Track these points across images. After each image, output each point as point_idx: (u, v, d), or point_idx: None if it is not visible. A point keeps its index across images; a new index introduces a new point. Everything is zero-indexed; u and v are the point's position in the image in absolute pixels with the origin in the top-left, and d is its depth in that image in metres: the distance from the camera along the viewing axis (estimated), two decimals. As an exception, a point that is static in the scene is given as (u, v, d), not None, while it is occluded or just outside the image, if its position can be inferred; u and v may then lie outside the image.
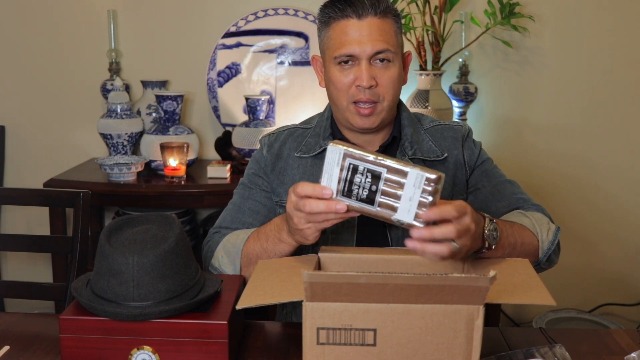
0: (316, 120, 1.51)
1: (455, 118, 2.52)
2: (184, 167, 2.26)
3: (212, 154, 2.58)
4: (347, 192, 1.08)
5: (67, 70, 2.60)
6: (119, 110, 2.37)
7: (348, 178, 1.07)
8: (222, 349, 1.07)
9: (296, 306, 1.45)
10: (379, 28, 1.30)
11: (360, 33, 1.30)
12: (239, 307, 1.02)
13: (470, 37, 2.48)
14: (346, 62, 1.32)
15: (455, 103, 2.50)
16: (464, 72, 2.51)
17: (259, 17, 2.50)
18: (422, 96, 2.40)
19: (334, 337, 0.97)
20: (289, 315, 1.49)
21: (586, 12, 2.52)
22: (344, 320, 0.97)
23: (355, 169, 1.07)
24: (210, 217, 2.54)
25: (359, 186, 1.07)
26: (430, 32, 2.40)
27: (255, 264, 1.29)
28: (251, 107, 2.37)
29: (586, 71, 2.57)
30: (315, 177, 1.41)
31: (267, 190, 1.47)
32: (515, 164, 2.54)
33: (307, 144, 1.45)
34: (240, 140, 2.37)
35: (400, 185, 1.04)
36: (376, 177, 1.05)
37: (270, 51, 2.52)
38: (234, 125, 2.47)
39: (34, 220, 2.62)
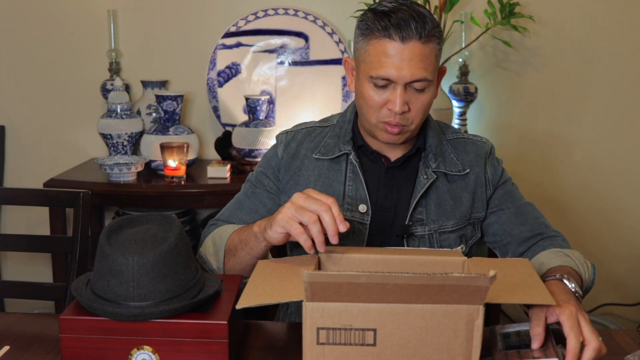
0: (336, 119, 1.47)
1: (455, 118, 2.52)
2: (184, 167, 2.26)
3: (212, 154, 2.58)
4: None
5: (67, 70, 2.60)
6: (119, 110, 2.37)
7: None
8: (222, 349, 1.07)
9: (300, 307, 1.45)
10: (420, 54, 1.25)
11: (400, 58, 1.24)
12: (239, 306, 1.02)
13: (470, 37, 2.48)
14: (382, 85, 1.28)
15: (455, 103, 2.50)
16: (464, 72, 2.51)
17: (259, 17, 2.50)
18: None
19: (334, 337, 0.97)
20: (292, 315, 1.48)
21: (586, 12, 2.52)
22: (344, 320, 0.97)
23: None
24: (210, 217, 2.54)
25: None
26: (430, 32, 2.39)
27: (234, 256, 1.30)
28: (251, 107, 2.37)
29: (586, 71, 2.57)
30: (330, 180, 1.40)
31: (271, 192, 1.45)
32: (516, 164, 2.54)
33: (325, 145, 1.42)
34: (240, 140, 2.37)
35: None
36: None
37: (270, 51, 2.52)
38: (234, 125, 2.47)
39: (34, 220, 2.61)
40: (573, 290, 1.18)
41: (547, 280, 1.21)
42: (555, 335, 1.10)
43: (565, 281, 1.19)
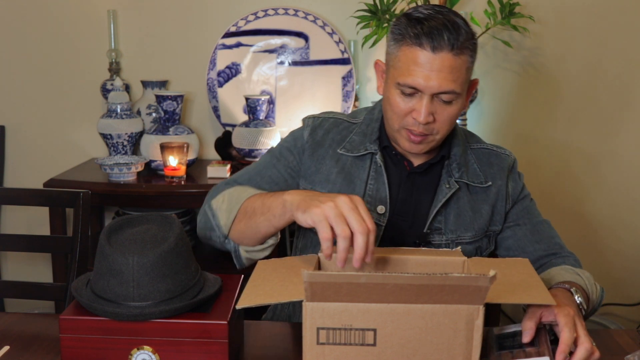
0: (363, 115, 1.44)
1: (455, 118, 2.51)
2: (184, 167, 2.26)
3: (212, 154, 2.58)
4: None
5: (67, 70, 2.60)
6: (119, 110, 2.37)
7: None
8: (222, 349, 1.07)
9: (296, 305, 1.45)
10: (451, 66, 1.22)
11: (430, 67, 1.22)
12: (239, 306, 1.02)
13: (470, 37, 2.48)
14: (409, 93, 1.26)
15: (455, 103, 2.50)
16: (464, 72, 2.51)
17: (259, 17, 2.50)
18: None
19: (334, 337, 0.97)
20: (282, 315, 1.48)
21: (586, 12, 2.52)
22: (344, 320, 0.97)
23: None
24: (210, 217, 2.54)
25: None
26: (430, 32, 2.40)
27: (249, 219, 1.24)
28: (251, 107, 2.37)
29: (586, 71, 2.57)
30: (352, 177, 1.38)
31: (293, 169, 1.42)
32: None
33: (351, 141, 1.40)
34: (240, 140, 2.37)
35: None
36: None
37: (270, 51, 2.52)
38: (234, 125, 2.47)
39: (34, 220, 2.61)
40: (578, 302, 1.18)
41: (553, 287, 1.22)
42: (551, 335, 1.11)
43: (572, 292, 1.19)
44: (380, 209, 1.36)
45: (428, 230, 1.36)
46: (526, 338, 1.07)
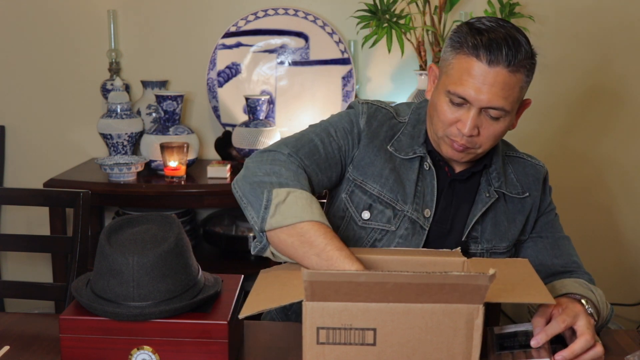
0: (408, 115, 1.39)
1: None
2: (184, 167, 2.26)
3: (212, 154, 2.58)
4: None
5: (67, 70, 2.60)
6: (119, 110, 2.37)
7: None
8: (222, 349, 1.07)
9: (295, 307, 1.44)
10: (504, 82, 1.20)
11: (483, 80, 1.20)
12: (241, 316, 1.03)
13: (470, 37, 2.48)
14: (458, 103, 1.24)
15: (455, 103, 2.50)
16: (464, 72, 2.51)
17: (259, 17, 2.50)
18: (422, 96, 2.40)
19: (334, 336, 0.98)
20: (279, 314, 1.48)
21: (586, 12, 2.52)
22: (344, 319, 0.97)
23: None
24: (210, 217, 2.54)
25: None
26: (430, 32, 2.40)
27: (297, 246, 1.15)
28: (251, 107, 2.37)
29: (586, 71, 2.57)
30: (402, 177, 1.34)
31: (344, 152, 1.34)
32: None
33: (399, 140, 1.36)
34: (240, 140, 2.37)
35: None
36: None
37: (270, 51, 2.52)
38: (234, 125, 2.47)
39: (34, 220, 2.61)
40: (589, 312, 1.17)
41: (564, 295, 1.22)
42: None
43: (583, 302, 1.18)
44: (427, 212, 1.34)
45: (466, 239, 1.35)
46: (535, 333, 1.10)
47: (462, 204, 1.36)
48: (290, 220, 1.16)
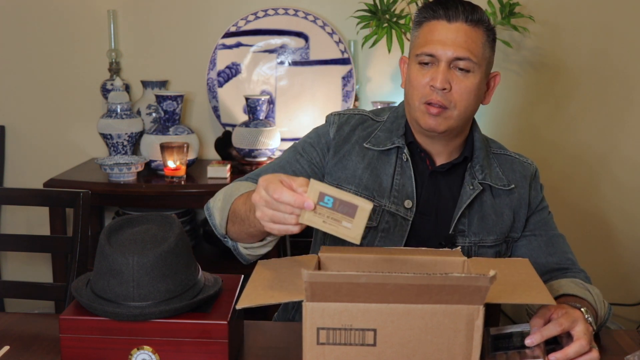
0: (387, 114, 1.45)
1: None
2: (184, 167, 2.26)
3: (212, 154, 2.58)
4: None
5: (67, 70, 2.60)
6: (119, 110, 2.37)
7: None
8: (222, 349, 1.07)
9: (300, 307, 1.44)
10: (466, 35, 1.29)
11: (446, 35, 1.29)
12: (239, 307, 1.02)
13: (470, 37, 2.48)
14: (426, 63, 1.31)
15: (455, 103, 2.50)
16: (464, 72, 2.51)
17: (259, 17, 2.50)
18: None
19: (334, 337, 0.98)
20: (290, 314, 1.48)
21: (586, 12, 2.52)
22: (344, 320, 0.97)
23: None
24: (210, 217, 2.54)
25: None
26: (430, 32, 2.40)
27: (238, 224, 1.21)
28: (251, 107, 2.37)
29: (586, 71, 2.57)
30: (378, 171, 1.38)
31: (316, 165, 1.42)
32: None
33: (376, 137, 1.40)
34: (240, 140, 2.37)
35: None
36: None
37: (270, 51, 2.52)
38: (234, 125, 2.47)
39: (34, 220, 2.61)
40: (589, 321, 1.17)
41: (563, 301, 1.22)
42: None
43: (583, 311, 1.18)
44: (408, 203, 1.36)
45: (453, 232, 1.36)
46: (531, 333, 1.11)
47: (446, 197, 1.38)
48: (225, 212, 1.25)
